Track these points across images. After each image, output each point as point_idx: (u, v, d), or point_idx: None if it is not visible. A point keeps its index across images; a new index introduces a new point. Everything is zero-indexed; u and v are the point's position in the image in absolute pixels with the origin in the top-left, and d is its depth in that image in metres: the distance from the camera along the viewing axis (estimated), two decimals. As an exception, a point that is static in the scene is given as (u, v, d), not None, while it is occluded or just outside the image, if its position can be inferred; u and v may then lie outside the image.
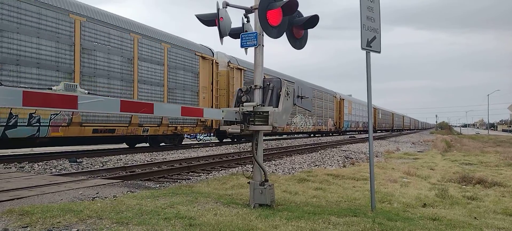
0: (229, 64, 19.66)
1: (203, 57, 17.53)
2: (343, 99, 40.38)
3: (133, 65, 13.69)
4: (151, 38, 14.57)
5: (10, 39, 9.99)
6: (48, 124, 10.85)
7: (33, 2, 10.48)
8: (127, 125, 13.42)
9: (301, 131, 28.96)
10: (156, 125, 14.78)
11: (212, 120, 17.49)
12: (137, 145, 16.57)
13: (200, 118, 4.62)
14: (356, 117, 44.62)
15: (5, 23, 9.87)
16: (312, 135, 33.62)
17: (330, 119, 35.72)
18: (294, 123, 27.17)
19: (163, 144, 16.87)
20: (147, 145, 16.37)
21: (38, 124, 10.56)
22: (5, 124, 9.76)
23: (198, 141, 23.35)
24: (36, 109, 9.86)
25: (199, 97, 17.24)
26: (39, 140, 11.15)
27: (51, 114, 10.86)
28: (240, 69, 20.25)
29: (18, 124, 10.08)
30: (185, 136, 19.53)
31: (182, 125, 16.28)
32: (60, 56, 11.16)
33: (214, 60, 18.35)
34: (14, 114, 9.97)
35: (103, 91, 12.38)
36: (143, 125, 14.11)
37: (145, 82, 14.29)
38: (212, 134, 21.93)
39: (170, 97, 15.54)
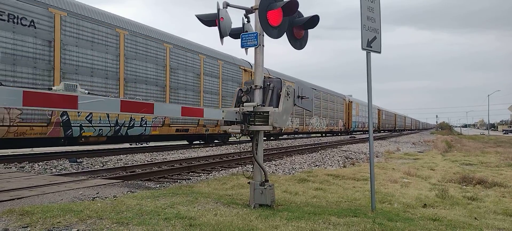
0: (268, 75, 22.60)
1: (245, 70, 21.38)
2: (351, 102, 43.28)
3: (200, 80, 17.45)
4: (210, 57, 18.34)
5: (134, 65, 13.82)
6: (151, 125, 14.27)
7: (144, 37, 14.27)
8: (196, 126, 17.12)
9: (317, 130, 32.52)
10: (214, 126, 18.28)
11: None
12: (194, 142, 20.26)
13: (201, 118, 4.61)
14: (363, 117, 47.59)
15: (132, 54, 13.79)
16: (324, 135, 36.80)
17: (340, 120, 39.09)
18: (311, 124, 30.67)
19: (216, 140, 20.70)
20: (202, 142, 20.11)
21: (145, 125, 13.98)
22: (127, 125, 13.21)
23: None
24: (144, 115, 10.81)
25: (243, 103, 21.61)
26: (144, 136, 14.77)
27: (153, 118, 14.20)
28: (269, 78, 22.59)
29: (134, 125, 13.57)
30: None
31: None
32: (159, 74, 14.97)
33: (252, 72, 21.51)
34: (133, 119, 13.41)
35: (181, 100, 16.08)
36: (206, 126, 17.82)
37: (207, 92, 17.99)
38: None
39: (223, 103, 19.25)
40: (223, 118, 4.43)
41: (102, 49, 12.51)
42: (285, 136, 30.33)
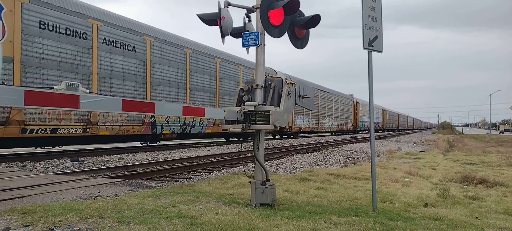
0: (286, 80, 23.48)
1: (272, 76, 22.98)
2: (359, 103, 46.02)
3: (239, 85, 18.60)
4: (247, 67, 20.65)
5: (195, 77, 16.95)
6: (205, 125, 17.29)
7: (202, 54, 17.33)
8: None
9: (329, 130, 35.94)
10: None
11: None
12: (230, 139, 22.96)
13: (202, 117, 4.64)
14: (368, 117, 48.69)
15: (194, 68, 16.90)
16: (334, 133, 39.41)
17: (349, 119, 42.38)
18: (325, 124, 33.90)
19: (249, 138, 22.91)
20: (240, 139, 22.18)
21: (202, 125, 17.07)
22: (191, 125, 16.46)
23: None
24: (200, 117, 16.05)
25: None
26: (201, 134, 17.72)
27: (207, 119, 17.05)
28: (292, 84, 24.47)
29: (195, 125, 16.69)
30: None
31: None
32: (211, 83, 17.93)
33: (288, 81, 23.55)
34: (194, 119, 16.43)
35: (227, 104, 18.10)
36: None
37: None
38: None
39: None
40: (224, 117, 4.43)
41: (175, 66, 15.74)
42: (302, 135, 32.23)
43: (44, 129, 10.47)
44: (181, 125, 15.74)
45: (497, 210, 5.01)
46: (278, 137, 27.01)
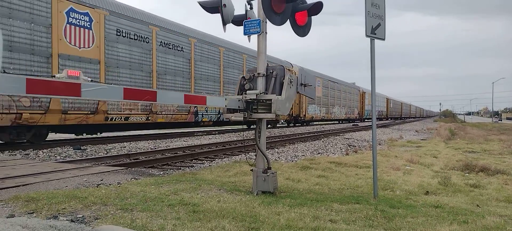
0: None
1: (289, 69, 25.87)
2: (365, 92, 48.18)
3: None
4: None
5: (228, 72, 19.23)
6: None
7: (233, 51, 19.65)
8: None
9: (338, 118, 38.38)
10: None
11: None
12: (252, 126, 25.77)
13: (203, 105, 4.63)
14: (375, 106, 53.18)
15: (226, 64, 19.10)
16: (342, 122, 41.67)
17: (355, 108, 44.86)
18: (334, 112, 36.35)
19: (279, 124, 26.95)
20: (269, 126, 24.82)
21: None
22: (216, 116, 18.29)
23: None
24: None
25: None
26: (231, 122, 18.97)
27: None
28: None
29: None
30: (281, 121, 28.71)
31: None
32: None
33: (294, 71, 25.22)
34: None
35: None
36: None
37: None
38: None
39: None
40: (226, 106, 4.43)
41: (212, 62, 17.95)
42: (315, 123, 34.72)
43: (120, 117, 12.90)
44: (216, 114, 18.09)
45: (498, 198, 5.02)
46: (292, 124, 28.58)
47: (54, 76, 2.79)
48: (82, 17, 11.49)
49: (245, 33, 4.67)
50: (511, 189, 5.63)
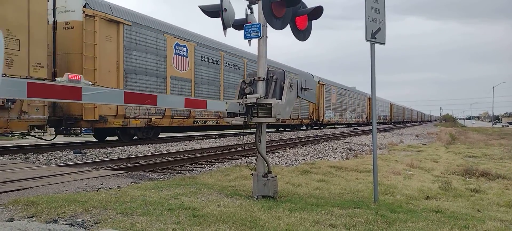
0: (320, 82, 31.84)
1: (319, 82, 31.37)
2: (371, 98, 49.66)
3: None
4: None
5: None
6: None
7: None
8: (295, 118, 27.24)
9: (349, 122, 42.16)
10: (305, 118, 29.56)
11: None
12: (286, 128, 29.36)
13: (204, 109, 4.64)
14: (380, 111, 57.33)
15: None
16: (352, 125, 44.09)
17: (363, 113, 48.95)
18: (346, 117, 40.28)
19: (303, 128, 31.19)
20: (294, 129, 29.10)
21: None
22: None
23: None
24: None
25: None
26: (272, 124, 24.60)
27: None
28: (323, 85, 32.81)
29: None
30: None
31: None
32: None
33: (316, 81, 30.36)
34: None
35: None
36: (299, 118, 27.94)
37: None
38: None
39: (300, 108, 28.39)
40: (226, 110, 4.43)
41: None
42: (329, 126, 38.01)
43: (202, 121, 17.25)
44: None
45: (498, 202, 5.01)
46: (309, 128, 32.70)
47: (55, 80, 2.79)
48: (182, 49, 15.92)
49: (245, 37, 4.68)
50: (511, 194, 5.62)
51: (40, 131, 10.63)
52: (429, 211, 4.29)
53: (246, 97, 4.57)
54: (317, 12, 4.81)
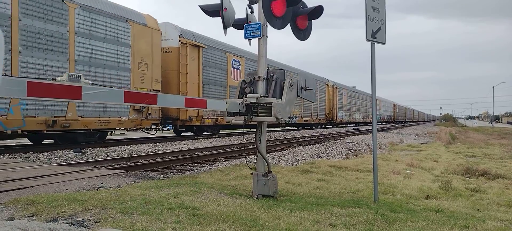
0: (334, 86, 35.05)
1: (327, 84, 33.12)
2: (376, 99, 51.94)
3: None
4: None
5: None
6: (298, 118, 27.01)
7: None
8: (315, 117, 30.46)
9: (357, 121, 45.21)
10: (322, 118, 32.43)
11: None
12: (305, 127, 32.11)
13: (203, 109, 4.64)
14: (383, 111, 60.13)
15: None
16: (359, 125, 46.29)
17: (369, 113, 51.67)
18: (355, 117, 43.52)
19: (323, 126, 34.57)
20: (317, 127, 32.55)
21: (295, 118, 26.45)
22: (292, 117, 25.11)
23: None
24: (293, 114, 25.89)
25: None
26: (293, 124, 28.80)
27: (295, 115, 26.09)
28: (336, 88, 35.88)
29: (293, 118, 26.18)
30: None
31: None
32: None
33: (331, 85, 34.12)
34: (293, 114, 25.33)
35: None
36: (317, 117, 31.10)
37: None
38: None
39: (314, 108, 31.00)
40: (226, 109, 4.43)
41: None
42: (341, 125, 40.81)
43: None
44: (290, 118, 23.84)
45: (498, 202, 5.01)
46: (323, 126, 35.45)
47: (55, 79, 2.79)
48: (237, 63, 19.77)
49: (245, 37, 4.68)
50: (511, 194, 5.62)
51: (157, 127, 15.51)
52: (429, 210, 4.30)
53: (246, 97, 4.57)
54: (317, 11, 4.81)
